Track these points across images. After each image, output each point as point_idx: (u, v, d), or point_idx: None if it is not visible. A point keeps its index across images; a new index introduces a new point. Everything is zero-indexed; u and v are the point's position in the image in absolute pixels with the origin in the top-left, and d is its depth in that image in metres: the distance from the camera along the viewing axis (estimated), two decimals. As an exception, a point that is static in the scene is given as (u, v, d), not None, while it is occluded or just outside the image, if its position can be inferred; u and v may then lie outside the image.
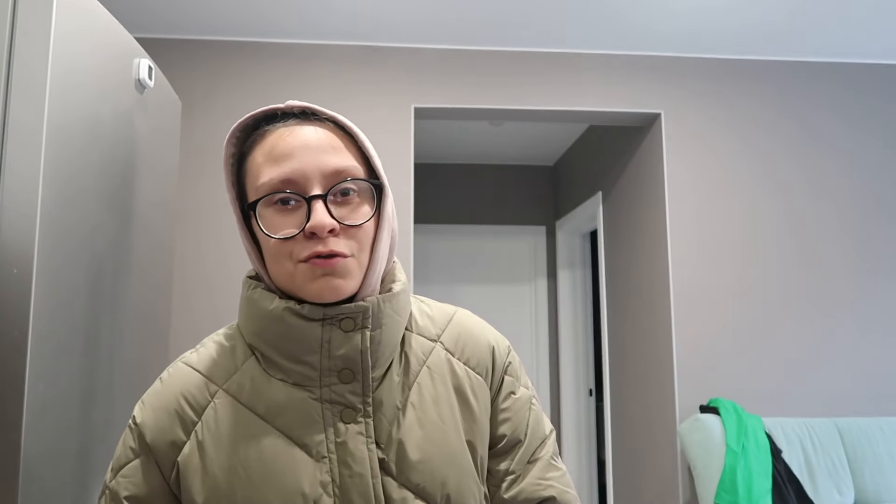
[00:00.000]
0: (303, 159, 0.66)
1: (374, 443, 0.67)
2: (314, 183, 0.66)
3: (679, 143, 2.90)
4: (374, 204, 0.70)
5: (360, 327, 0.68)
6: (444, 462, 0.69)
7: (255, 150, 0.69)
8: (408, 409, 0.70)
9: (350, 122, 0.71)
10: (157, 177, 1.52)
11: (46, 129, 1.03)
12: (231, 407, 0.68)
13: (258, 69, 2.80)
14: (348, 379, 0.68)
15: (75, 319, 1.12)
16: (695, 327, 2.79)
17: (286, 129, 0.68)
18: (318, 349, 0.67)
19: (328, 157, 0.67)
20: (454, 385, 0.74)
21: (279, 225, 0.66)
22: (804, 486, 2.45)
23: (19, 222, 0.99)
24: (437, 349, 0.76)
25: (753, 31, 2.73)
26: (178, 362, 0.73)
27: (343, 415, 0.67)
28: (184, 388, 0.70)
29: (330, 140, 0.68)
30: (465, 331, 0.79)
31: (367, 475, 0.65)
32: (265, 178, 0.66)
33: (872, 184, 2.95)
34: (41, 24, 1.04)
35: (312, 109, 0.70)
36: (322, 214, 0.64)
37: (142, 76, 1.38)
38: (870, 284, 2.88)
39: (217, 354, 0.73)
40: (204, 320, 2.62)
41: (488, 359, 0.78)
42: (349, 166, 0.68)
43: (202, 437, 0.67)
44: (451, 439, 0.70)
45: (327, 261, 0.65)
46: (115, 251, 1.28)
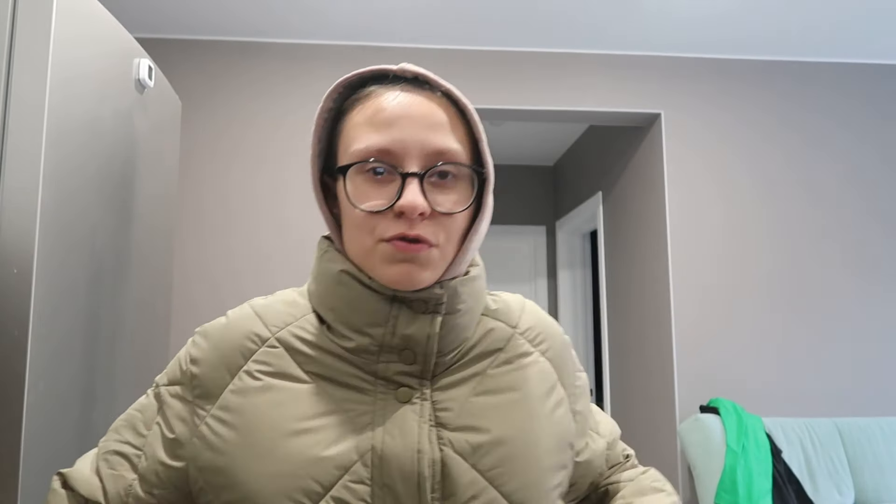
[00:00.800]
0: (405, 131, 0.61)
1: (436, 423, 0.62)
2: (413, 159, 0.61)
3: (679, 143, 2.90)
4: (474, 193, 0.64)
5: (432, 311, 0.63)
6: (525, 450, 0.64)
7: (355, 109, 0.65)
8: (482, 393, 0.65)
9: (465, 98, 0.65)
10: (157, 177, 1.52)
11: (46, 129, 1.03)
12: (278, 357, 0.65)
13: (259, 69, 2.80)
14: (409, 360, 0.63)
15: (75, 319, 1.12)
16: (695, 327, 2.79)
17: (393, 95, 0.63)
18: (384, 323, 0.63)
19: (433, 133, 0.62)
20: (535, 376, 0.70)
21: (368, 195, 0.61)
22: (804, 486, 2.45)
23: (19, 222, 0.99)
24: (515, 337, 0.71)
25: (753, 31, 2.73)
26: (246, 304, 0.71)
27: (398, 394, 0.63)
28: (239, 330, 0.67)
29: (438, 115, 0.63)
30: (540, 321, 0.75)
31: (413, 449, 0.60)
32: (361, 144, 0.62)
33: (871, 183, 2.95)
34: (41, 24, 1.04)
35: (426, 77, 0.65)
36: (415, 194, 0.59)
37: (142, 76, 1.38)
38: (870, 284, 2.88)
39: (281, 304, 0.69)
40: (204, 320, 2.62)
41: (562, 353, 0.75)
42: (453, 149, 0.62)
43: (246, 382, 0.64)
44: (534, 428, 0.66)
45: (411, 245, 0.60)
46: (115, 251, 1.28)
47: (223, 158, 2.74)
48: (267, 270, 2.68)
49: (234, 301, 2.65)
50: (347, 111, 0.66)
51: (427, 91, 0.64)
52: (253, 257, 2.68)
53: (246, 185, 2.73)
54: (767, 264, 2.86)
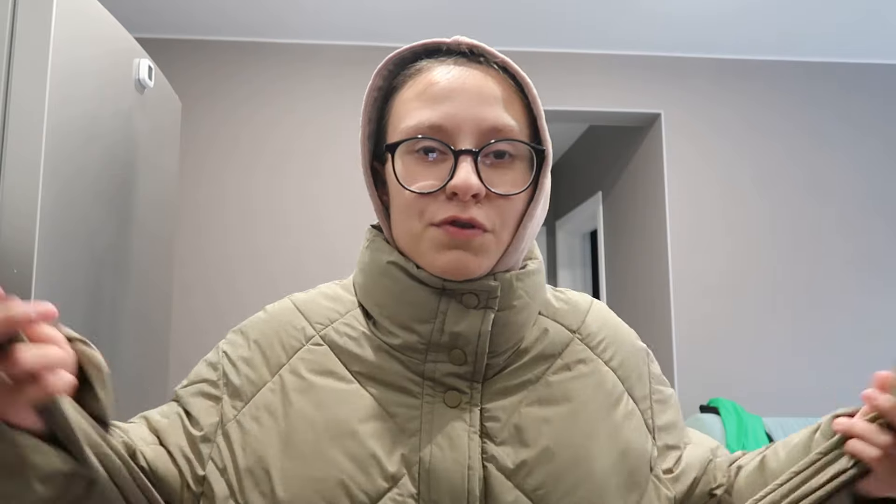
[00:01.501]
0: (459, 106, 0.56)
1: (480, 434, 0.57)
2: (467, 136, 0.56)
3: (679, 143, 2.90)
4: (532, 174, 0.59)
5: (483, 306, 0.58)
6: (576, 468, 0.57)
7: (406, 85, 0.60)
8: (533, 403, 0.59)
9: (524, 73, 0.60)
10: (157, 177, 1.52)
11: (46, 129, 1.03)
12: (323, 355, 0.61)
13: (258, 69, 2.80)
14: (459, 360, 0.58)
15: (75, 319, 1.12)
16: (695, 327, 2.79)
17: (446, 69, 0.59)
18: (432, 319, 0.58)
19: (489, 109, 0.57)
20: (594, 386, 0.63)
21: (417, 176, 0.57)
22: None
23: (19, 222, 0.99)
24: (574, 341, 0.65)
25: (753, 31, 2.73)
26: (286, 299, 0.67)
27: (447, 397, 0.58)
28: (281, 326, 0.63)
29: (494, 90, 0.58)
30: (607, 327, 0.69)
31: (463, 463, 0.55)
32: (412, 121, 0.57)
33: (872, 183, 2.95)
34: (41, 24, 1.04)
35: (482, 50, 0.60)
36: (468, 174, 0.55)
37: (142, 76, 1.38)
38: (870, 284, 2.88)
39: (324, 299, 0.65)
40: (204, 321, 2.61)
41: (634, 364, 0.67)
42: (510, 125, 0.58)
43: (287, 381, 0.60)
44: (589, 445, 0.59)
45: (463, 230, 0.55)
46: (114, 251, 1.28)
47: (223, 158, 2.73)
48: (265, 270, 2.68)
49: (233, 301, 2.64)
50: (398, 88, 0.62)
51: (482, 64, 0.60)
52: (251, 257, 2.68)
53: (245, 184, 2.73)
54: (767, 264, 2.86)
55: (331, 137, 2.78)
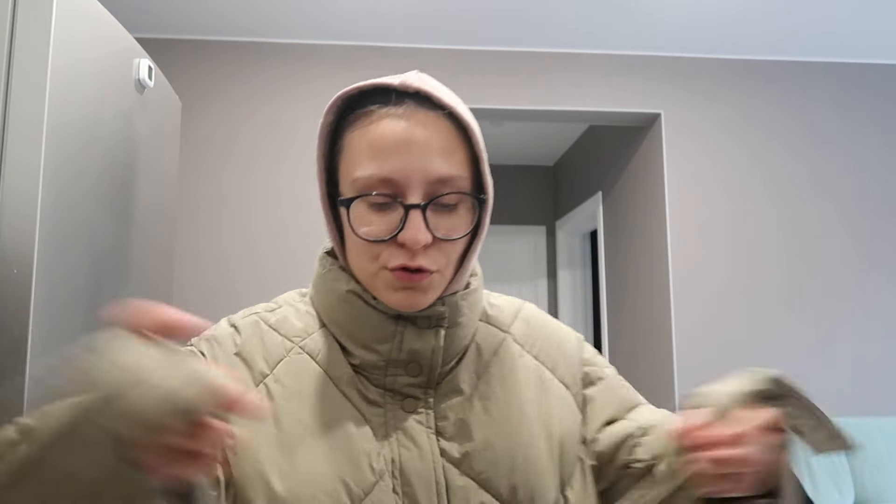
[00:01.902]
0: (407, 159, 0.60)
1: (435, 433, 0.65)
2: (415, 188, 0.60)
3: (679, 143, 2.90)
4: (474, 216, 0.65)
5: (435, 325, 0.65)
6: (513, 453, 0.65)
7: (357, 130, 0.63)
8: (475, 399, 0.67)
9: (469, 117, 0.64)
10: (157, 177, 1.52)
11: (46, 129, 1.03)
12: (305, 363, 0.66)
13: (258, 69, 2.80)
14: (415, 373, 0.65)
15: (75, 319, 1.12)
16: (695, 327, 2.79)
17: (395, 120, 0.62)
18: (390, 339, 0.64)
19: (436, 161, 0.61)
20: (526, 378, 0.70)
21: (370, 222, 0.62)
22: (804, 486, 2.45)
23: (19, 222, 0.99)
24: (507, 340, 0.73)
25: (753, 31, 2.73)
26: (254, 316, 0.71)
27: (405, 404, 0.65)
28: (259, 340, 0.68)
29: (440, 140, 0.62)
30: (534, 325, 0.76)
31: (428, 459, 0.63)
32: (364, 173, 0.61)
33: (872, 183, 2.95)
34: (41, 24, 1.04)
35: (429, 94, 0.62)
36: (417, 228, 0.60)
37: (142, 76, 1.38)
38: (870, 284, 2.88)
39: (294, 317, 0.71)
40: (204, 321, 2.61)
41: (558, 354, 0.75)
42: (455, 176, 0.62)
43: (273, 390, 0.64)
44: (523, 431, 0.67)
45: (412, 276, 0.61)
46: (114, 251, 1.28)
47: (223, 158, 2.74)
48: (264, 270, 2.68)
49: (231, 300, 2.64)
50: (348, 127, 0.65)
51: (429, 109, 0.63)
52: (250, 257, 2.68)
53: (245, 184, 2.73)
54: (767, 264, 2.86)
55: (331, 137, 2.77)
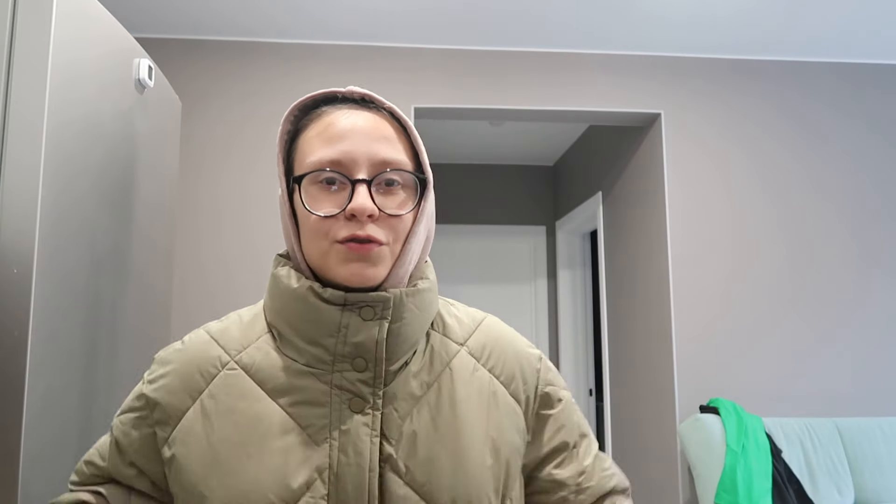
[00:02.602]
0: (354, 143, 0.67)
1: (380, 436, 0.67)
2: (362, 168, 0.67)
3: (679, 143, 2.90)
4: (416, 198, 0.70)
5: (378, 317, 0.67)
6: (456, 466, 0.67)
7: (309, 127, 0.70)
8: (423, 407, 0.69)
9: (405, 116, 0.72)
10: (157, 177, 1.52)
11: (46, 129, 1.03)
12: (239, 379, 0.69)
13: (258, 69, 2.80)
14: (361, 367, 0.67)
15: (75, 319, 1.12)
16: (695, 327, 2.79)
17: (343, 113, 0.70)
18: (336, 333, 0.67)
19: (379, 145, 0.68)
20: (477, 392, 0.73)
21: (322, 202, 0.67)
22: (804, 486, 2.45)
23: (19, 222, 0.99)
24: (461, 353, 0.75)
25: (753, 30, 2.73)
26: (201, 329, 0.75)
27: (351, 403, 0.67)
28: (198, 355, 0.71)
29: (383, 130, 0.69)
30: (493, 339, 0.78)
31: (364, 467, 0.65)
32: (315, 157, 0.67)
33: (872, 184, 2.95)
34: (41, 24, 1.04)
35: (371, 98, 0.71)
36: (364, 198, 0.65)
37: (142, 76, 1.38)
38: (870, 284, 2.88)
39: (235, 327, 0.74)
40: (203, 320, 2.62)
41: (517, 370, 0.77)
42: (397, 159, 0.69)
43: (207, 405, 0.68)
44: (468, 444, 0.69)
45: (363, 245, 0.66)
46: (114, 251, 1.28)
47: (223, 158, 2.74)
48: (263, 270, 2.68)
49: (231, 299, 2.64)
50: (302, 130, 0.71)
51: (373, 109, 0.71)
52: (250, 256, 2.68)
53: (245, 184, 2.73)
54: (767, 264, 2.86)
55: (331, 137, 2.77)
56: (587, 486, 0.77)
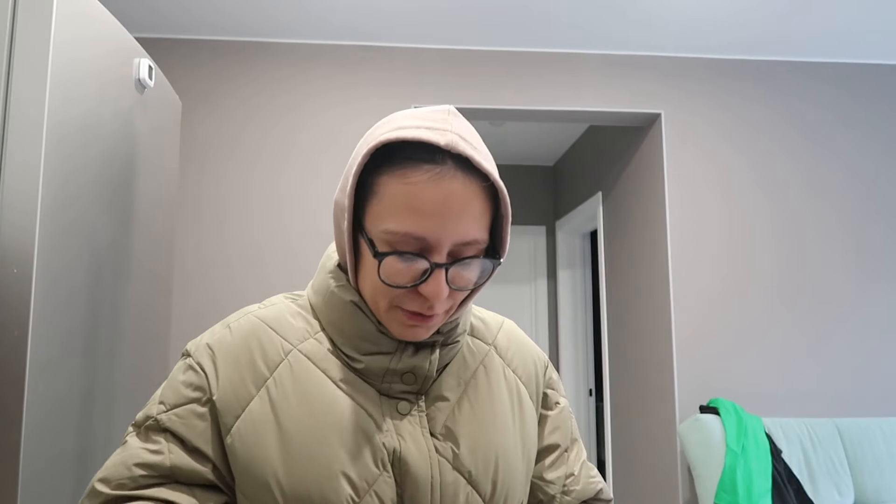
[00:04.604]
0: (442, 222, 0.62)
1: (429, 432, 0.70)
2: (444, 249, 0.63)
3: (679, 143, 2.90)
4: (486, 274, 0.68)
5: (431, 345, 0.71)
6: (495, 454, 0.71)
7: (393, 182, 0.63)
8: (463, 403, 0.73)
9: (503, 185, 0.66)
10: (157, 176, 1.52)
11: (47, 129, 1.03)
12: (305, 366, 0.69)
13: (259, 69, 2.80)
14: (410, 381, 0.71)
15: (75, 319, 1.12)
16: (695, 327, 2.79)
17: (435, 183, 0.62)
18: (391, 353, 0.70)
19: (467, 225, 0.63)
20: (507, 390, 0.77)
21: (396, 270, 0.64)
22: (804, 486, 2.45)
23: (19, 222, 0.99)
24: (491, 352, 0.79)
25: (753, 31, 2.73)
26: (249, 315, 0.73)
27: (399, 407, 0.70)
28: (257, 341, 0.70)
29: (474, 206, 0.64)
30: (514, 341, 0.83)
31: (425, 454, 0.68)
32: (399, 228, 0.62)
33: (872, 184, 2.95)
34: (41, 23, 1.04)
35: (469, 157, 0.63)
36: (441, 285, 0.63)
37: (142, 76, 1.38)
38: (869, 284, 2.88)
39: (290, 317, 0.74)
40: (204, 320, 2.62)
41: (533, 372, 0.82)
42: (480, 239, 0.65)
43: (274, 394, 0.67)
44: (504, 435, 0.73)
45: (423, 318, 0.66)
46: (115, 251, 1.28)
47: (223, 157, 2.74)
48: (264, 269, 2.68)
49: (231, 298, 2.64)
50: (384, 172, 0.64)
51: (467, 172, 0.63)
52: (251, 256, 2.68)
53: (245, 183, 2.73)
54: (767, 264, 2.86)
55: (329, 138, 2.78)
56: (573, 488, 0.81)
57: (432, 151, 0.63)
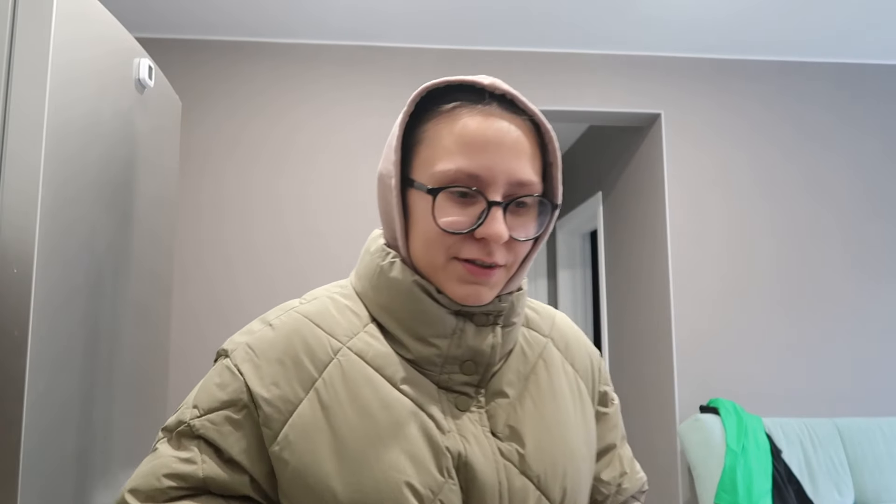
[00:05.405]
0: (495, 158, 0.61)
1: (490, 431, 0.65)
2: (499, 187, 0.61)
3: (679, 143, 2.90)
4: (546, 221, 0.65)
5: (492, 323, 0.66)
6: (564, 455, 0.66)
7: (441, 124, 0.63)
8: (526, 399, 0.68)
9: (549, 126, 0.66)
10: (157, 177, 1.52)
11: (46, 129, 1.03)
12: (356, 365, 0.64)
13: (258, 69, 2.80)
14: (470, 371, 0.66)
15: (75, 319, 1.12)
16: (695, 327, 2.79)
17: (484, 117, 0.62)
18: (450, 335, 0.64)
19: (520, 164, 0.62)
20: (568, 385, 0.73)
21: (449, 213, 0.61)
22: (804, 486, 2.45)
23: (19, 222, 0.99)
24: (549, 345, 0.75)
25: (753, 31, 2.73)
26: (291, 311, 0.68)
27: (458, 402, 0.65)
28: (302, 340, 0.64)
29: (524, 145, 0.63)
30: (570, 334, 0.79)
31: (490, 458, 0.63)
32: (450, 166, 0.61)
33: (871, 184, 2.95)
34: (41, 23, 1.04)
35: (515, 99, 0.64)
36: (500, 224, 0.60)
37: (142, 76, 1.38)
38: (869, 284, 2.88)
39: (336, 311, 0.68)
40: (204, 320, 2.62)
41: (589, 366, 0.78)
42: (534, 181, 0.63)
43: (324, 395, 0.62)
44: (570, 435, 0.68)
45: (485, 270, 0.62)
46: (115, 251, 1.28)
47: (223, 157, 2.74)
48: (264, 269, 2.68)
49: (231, 298, 2.64)
50: (429, 119, 0.64)
51: (514, 114, 0.64)
52: (251, 256, 2.68)
53: (246, 183, 2.73)
54: (767, 264, 2.86)
55: (329, 138, 2.78)
56: (626, 486, 0.78)
57: (477, 93, 0.64)
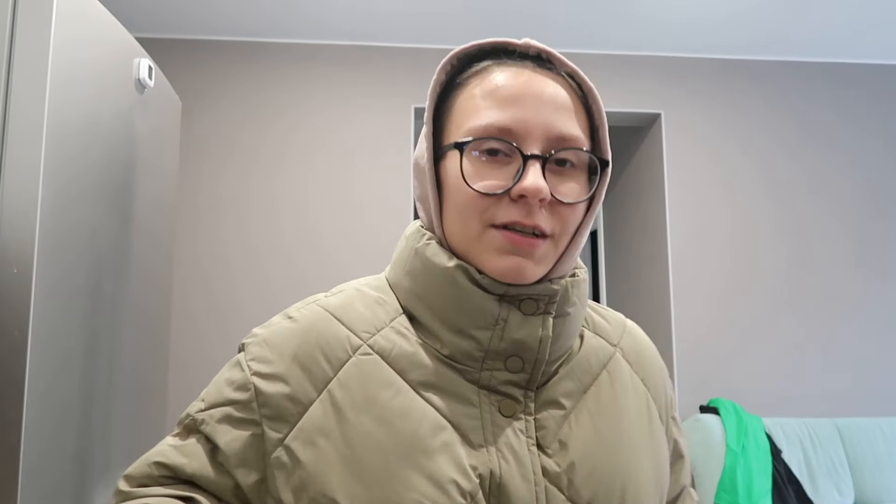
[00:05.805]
0: (529, 111, 0.55)
1: (536, 445, 0.56)
2: (535, 141, 0.55)
3: (679, 143, 2.90)
4: (589, 183, 0.58)
5: (542, 312, 0.57)
6: (622, 484, 0.57)
7: (471, 83, 0.59)
8: (583, 414, 0.59)
9: (590, 82, 0.60)
10: (157, 177, 1.52)
11: (47, 129, 1.03)
12: (376, 366, 0.56)
13: (258, 69, 2.80)
14: (516, 368, 0.57)
15: (75, 319, 1.12)
16: (695, 327, 2.79)
17: (517, 71, 0.57)
18: (492, 326, 0.56)
19: (558, 117, 0.56)
20: (635, 403, 0.63)
21: (482, 175, 0.55)
22: (804, 486, 2.45)
23: (19, 222, 0.99)
24: (617, 356, 0.65)
25: (753, 31, 2.73)
26: (313, 304, 0.61)
27: (501, 406, 0.57)
28: (319, 336, 0.58)
29: (562, 98, 0.57)
30: (641, 345, 0.69)
31: (530, 479, 0.54)
32: (481, 121, 0.55)
33: (872, 184, 2.95)
34: (41, 24, 1.04)
35: (551, 55, 0.59)
36: (537, 177, 0.53)
37: (142, 76, 1.38)
38: (870, 284, 2.88)
39: (361, 304, 0.61)
40: (203, 320, 2.62)
41: (662, 384, 0.68)
42: (576, 135, 0.56)
43: (338, 398, 0.55)
44: (634, 460, 0.59)
45: (526, 239, 0.54)
46: (114, 251, 1.28)
47: (223, 157, 2.74)
48: (263, 269, 2.68)
49: (230, 297, 2.64)
50: (462, 84, 0.60)
51: (551, 71, 0.59)
52: (250, 256, 2.68)
53: (245, 183, 2.73)
54: (767, 264, 2.86)
55: (326, 138, 2.78)
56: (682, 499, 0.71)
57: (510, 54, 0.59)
